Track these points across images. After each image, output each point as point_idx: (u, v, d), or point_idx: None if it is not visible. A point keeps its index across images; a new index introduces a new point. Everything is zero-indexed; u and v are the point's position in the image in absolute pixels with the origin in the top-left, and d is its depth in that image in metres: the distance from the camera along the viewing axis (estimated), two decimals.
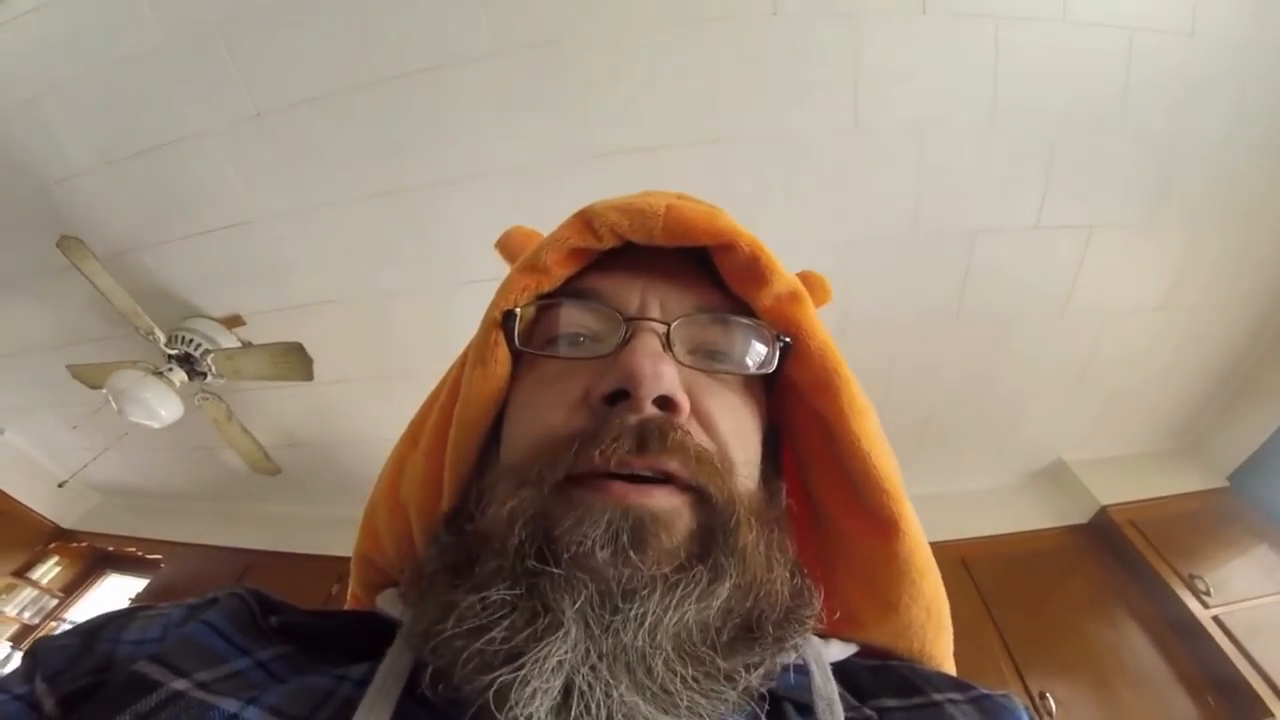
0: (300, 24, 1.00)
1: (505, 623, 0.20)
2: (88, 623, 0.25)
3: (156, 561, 1.99)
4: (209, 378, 1.44)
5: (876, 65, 1.01)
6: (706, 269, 0.28)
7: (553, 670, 0.19)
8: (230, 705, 0.20)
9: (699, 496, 0.23)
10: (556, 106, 1.05)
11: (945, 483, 1.64)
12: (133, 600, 1.81)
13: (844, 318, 1.29)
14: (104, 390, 1.38)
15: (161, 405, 1.38)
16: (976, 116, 1.06)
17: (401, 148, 1.12)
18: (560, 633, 0.19)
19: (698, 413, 0.24)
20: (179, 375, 1.43)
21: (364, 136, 1.10)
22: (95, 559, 2.14)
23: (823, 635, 0.27)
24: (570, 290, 0.27)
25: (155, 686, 0.21)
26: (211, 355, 1.39)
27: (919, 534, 0.28)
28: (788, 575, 0.24)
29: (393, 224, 1.22)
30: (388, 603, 0.28)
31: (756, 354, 0.27)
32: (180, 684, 0.21)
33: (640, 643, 0.19)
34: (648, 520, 0.21)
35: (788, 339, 0.27)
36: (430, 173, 1.14)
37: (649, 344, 0.24)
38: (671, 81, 1.02)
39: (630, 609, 0.20)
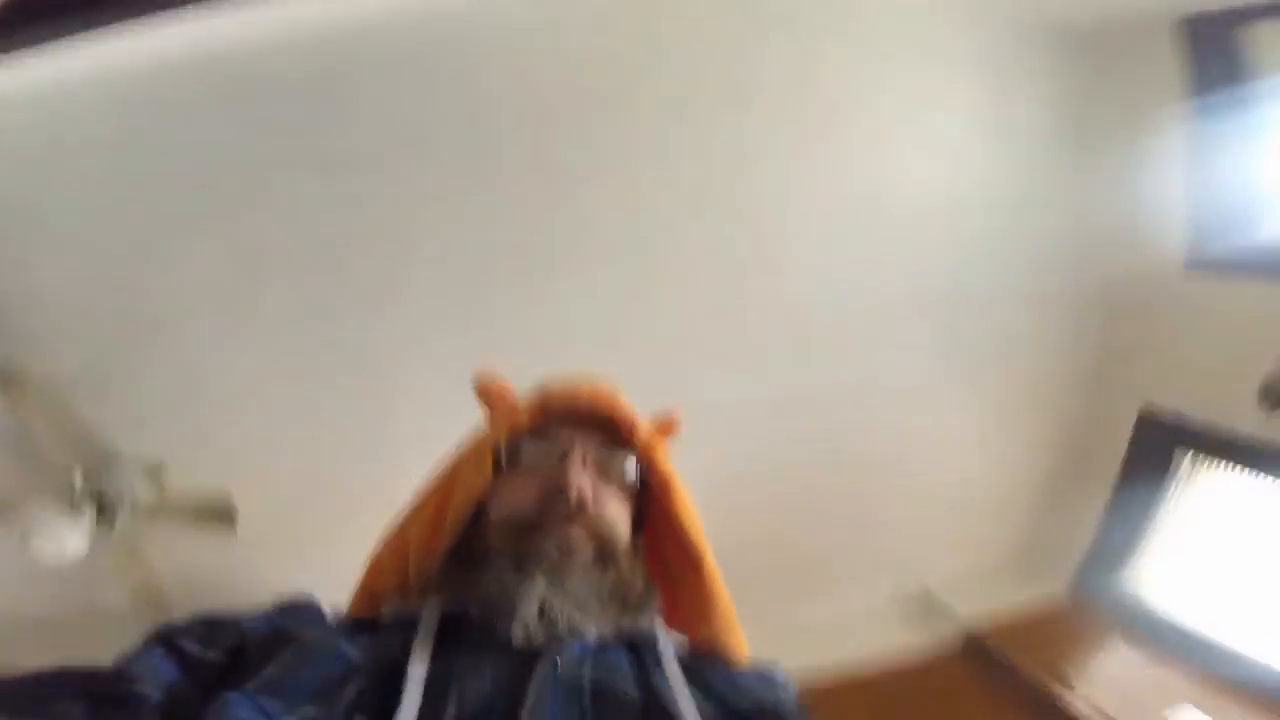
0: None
1: (506, 579, 0.41)
2: (199, 614, 0.39)
3: None
4: (119, 526, 1.46)
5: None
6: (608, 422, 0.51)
7: (532, 599, 0.39)
8: (342, 646, 0.36)
9: (598, 539, 0.45)
10: None
11: (810, 613, 1.68)
12: None
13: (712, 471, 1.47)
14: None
15: (70, 542, 1.39)
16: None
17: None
18: (533, 582, 0.40)
19: (597, 502, 0.46)
20: (89, 515, 1.44)
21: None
22: None
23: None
24: (533, 431, 0.50)
25: (292, 636, 0.36)
26: (130, 501, 1.43)
27: (715, 569, 0.53)
28: (641, 580, 0.46)
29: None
30: (393, 604, 0.48)
31: (629, 473, 0.50)
32: (308, 633, 0.37)
33: (572, 587, 0.41)
34: (576, 544, 0.44)
35: (644, 465, 0.51)
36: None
37: (575, 466, 0.46)
38: None
39: (567, 574, 0.42)
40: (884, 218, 1.35)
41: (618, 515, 0.48)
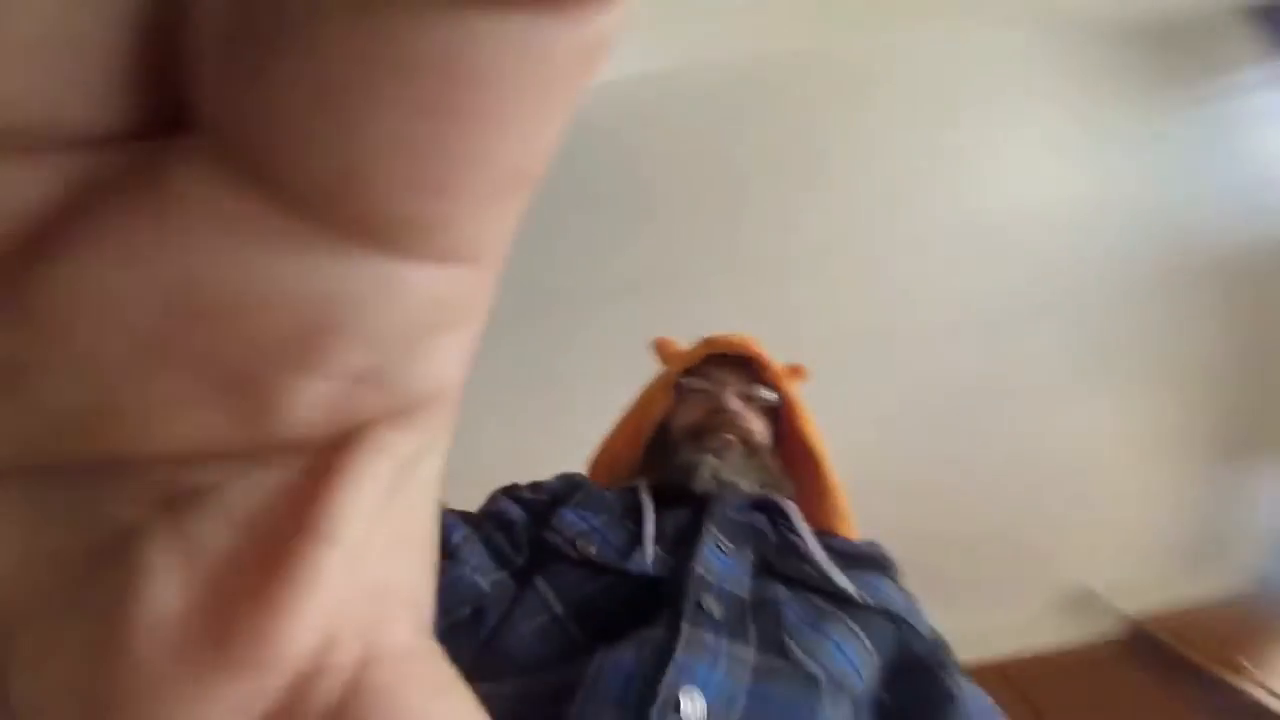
0: None
1: (690, 458, 0.64)
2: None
3: None
4: None
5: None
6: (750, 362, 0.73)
7: (707, 467, 0.62)
8: (607, 494, 0.61)
9: (746, 442, 0.67)
10: None
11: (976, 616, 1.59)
12: None
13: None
14: None
15: None
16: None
17: None
18: (707, 458, 0.63)
19: (743, 417, 0.68)
20: None
21: None
22: None
23: None
24: (697, 372, 0.73)
25: (579, 485, 0.63)
26: None
27: (832, 471, 0.73)
28: (778, 470, 0.68)
29: None
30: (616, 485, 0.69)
31: (769, 399, 0.71)
32: (589, 484, 0.63)
33: (731, 464, 0.64)
34: (731, 443, 0.66)
35: (779, 395, 0.72)
36: None
37: (728, 394, 0.69)
38: None
39: (727, 457, 0.64)
40: (1003, 231, 1.47)
41: (758, 428, 0.69)
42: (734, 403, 0.68)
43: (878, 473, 1.41)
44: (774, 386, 0.71)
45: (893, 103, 1.52)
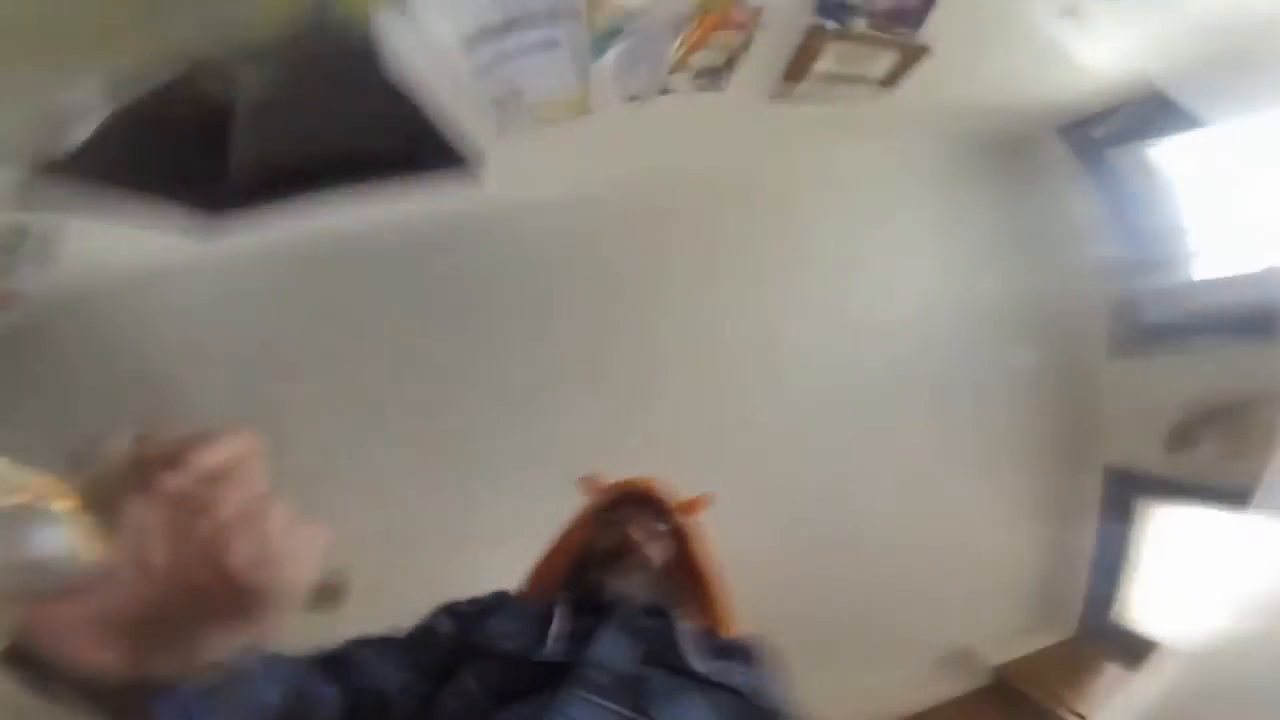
0: None
1: (605, 576, 0.87)
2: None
3: None
4: None
5: None
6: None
7: (614, 585, 0.86)
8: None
9: (647, 565, 0.87)
10: None
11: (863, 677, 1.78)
12: None
13: None
14: None
15: None
16: None
17: None
18: (614, 577, 0.86)
19: (646, 546, 0.90)
20: None
21: None
22: None
23: None
24: (612, 507, 0.96)
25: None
26: None
27: (718, 580, 0.96)
28: (670, 586, 0.85)
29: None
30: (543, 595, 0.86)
31: (666, 530, 0.96)
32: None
33: (634, 581, 0.84)
34: (636, 566, 0.89)
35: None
36: None
37: (635, 527, 0.92)
38: None
39: (632, 577, 0.81)
40: (863, 327, 1.67)
41: (657, 552, 0.91)
42: (639, 534, 0.90)
43: (768, 553, 1.57)
44: (671, 520, 0.96)
45: (754, 213, 1.69)
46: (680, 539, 0.96)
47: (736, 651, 0.79)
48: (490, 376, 1.63)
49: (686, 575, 0.94)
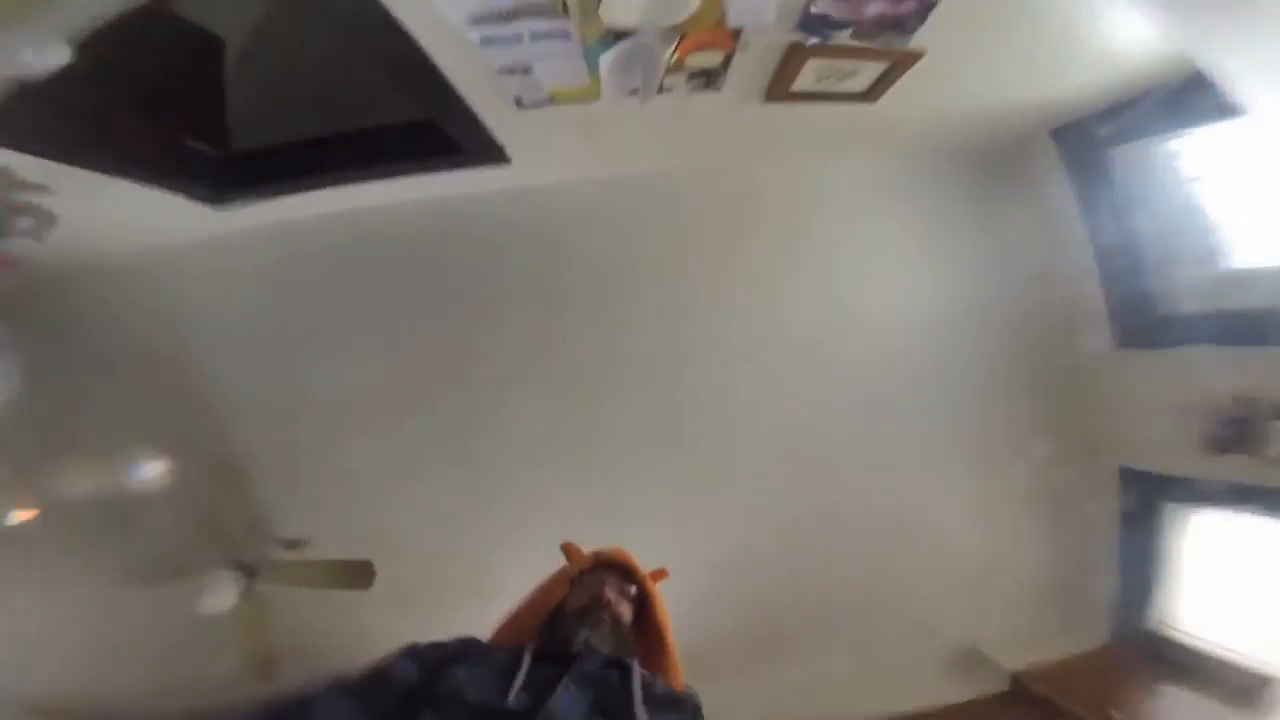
0: None
1: (576, 629, 1.01)
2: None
3: None
4: (257, 580, 1.82)
5: None
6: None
7: (582, 638, 0.97)
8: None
9: (614, 621, 1.05)
10: None
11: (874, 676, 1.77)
12: None
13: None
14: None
15: (225, 596, 1.75)
16: None
17: None
18: (583, 629, 1.00)
19: (615, 605, 1.07)
20: (239, 577, 1.81)
21: None
22: None
23: None
24: (587, 571, 1.12)
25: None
26: (272, 567, 1.80)
27: (672, 644, 1.09)
28: (633, 641, 1.05)
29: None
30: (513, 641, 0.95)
31: (633, 593, 1.13)
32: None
33: (600, 634, 1.00)
34: (603, 622, 1.04)
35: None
36: None
37: (608, 588, 1.08)
38: None
39: (598, 629, 0.95)
40: (867, 335, 1.66)
41: (624, 612, 1.06)
42: (612, 593, 1.05)
43: (782, 556, 1.66)
44: (640, 585, 1.11)
45: (745, 224, 1.72)
46: (644, 602, 1.11)
47: (679, 703, 0.91)
48: (495, 369, 1.69)
49: (646, 633, 1.09)
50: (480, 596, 1.23)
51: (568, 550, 1.20)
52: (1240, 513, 1.38)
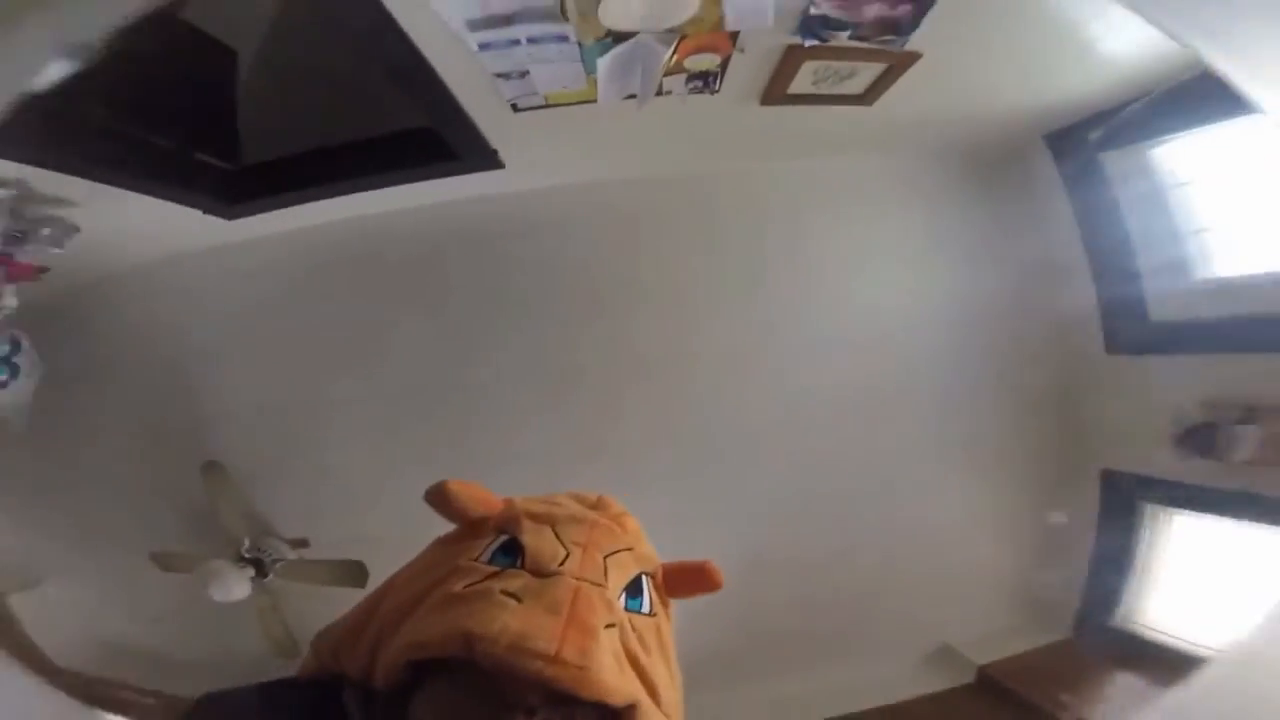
0: None
1: None
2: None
3: None
4: (270, 578, 1.87)
5: None
6: None
7: None
8: None
9: None
10: None
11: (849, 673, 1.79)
12: None
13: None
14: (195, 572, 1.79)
15: (237, 588, 1.80)
16: None
17: None
18: None
19: None
20: (250, 570, 1.85)
21: None
22: None
23: None
24: None
25: None
26: (280, 564, 1.85)
27: None
28: None
29: None
30: None
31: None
32: None
33: None
34: None
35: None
36: None
37: None
38: None
39: None
40: (863, 336, 1.64)
41: None
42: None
43: (763, 550, 1.58)
44: None
45: (744, 225, 1.71)
46: None
47: None
48: (494, 371, 1.69)
49: None
50: None
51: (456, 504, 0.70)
52: (1207, 516, 1.43)
